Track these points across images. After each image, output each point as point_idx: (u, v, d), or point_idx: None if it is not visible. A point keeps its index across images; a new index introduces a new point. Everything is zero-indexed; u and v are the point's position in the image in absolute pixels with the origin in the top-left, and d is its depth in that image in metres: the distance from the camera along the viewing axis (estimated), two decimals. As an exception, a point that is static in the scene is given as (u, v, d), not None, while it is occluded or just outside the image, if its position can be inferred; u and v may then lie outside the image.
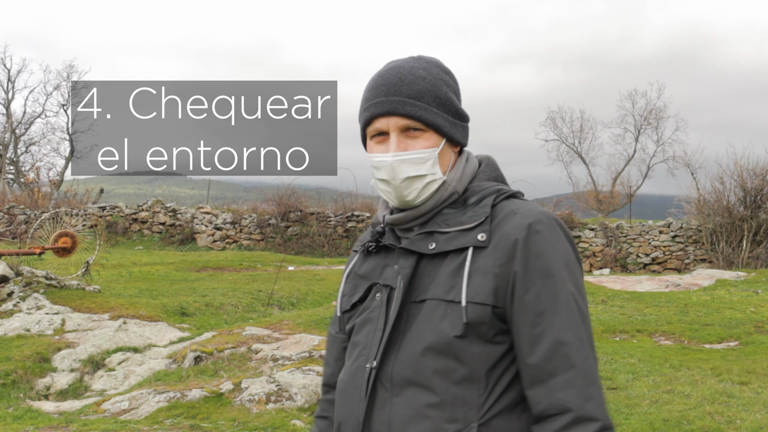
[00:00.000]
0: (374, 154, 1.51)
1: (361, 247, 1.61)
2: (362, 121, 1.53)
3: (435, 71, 1.51)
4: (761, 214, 17.57)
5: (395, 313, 1.44)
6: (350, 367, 1.51)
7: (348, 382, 1.50)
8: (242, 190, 74.69)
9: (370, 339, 1.48)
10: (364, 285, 1.55)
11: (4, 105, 32.79)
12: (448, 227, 1.46)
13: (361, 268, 1.59)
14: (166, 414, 5.61)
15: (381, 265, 1.54)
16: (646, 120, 35.59)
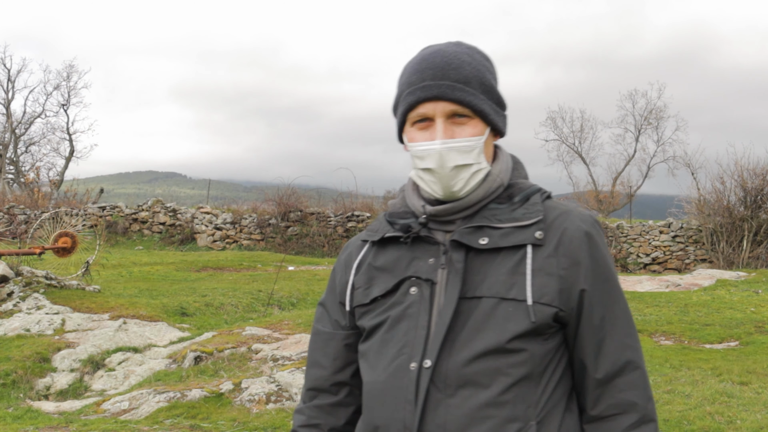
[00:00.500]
0: (418, 143, 1.43)
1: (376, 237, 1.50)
2: (404, 105, 1.44)
3: (478, 57, 1.46)
4: (761, 214, 17.57)
5: (451, 310, 1.36)
6: (387, 366, 1.40)
7: (387, 383, 1.39)
8: (242, 190, 74.77)
9: (410, 337, 1.38)
10: (387, 278, 1.45)
11: (4, 105, 32.82)
12: (500, 222, 1.41)
13: (376, 259, 1.48)
14: (166, 414, 5.61)
15: (408, 257, 1.44)
16: (647, 120, 35.63)
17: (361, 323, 1.48)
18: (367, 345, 1.47)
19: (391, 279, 1.44)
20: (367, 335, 1.47)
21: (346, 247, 1.60)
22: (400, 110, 1.45)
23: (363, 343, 1.49)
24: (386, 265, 1.46)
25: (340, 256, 1.59)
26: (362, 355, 1.49)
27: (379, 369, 1.42)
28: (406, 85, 1.44)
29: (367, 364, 1.46)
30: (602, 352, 1.40)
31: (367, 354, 1.46)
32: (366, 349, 1.47)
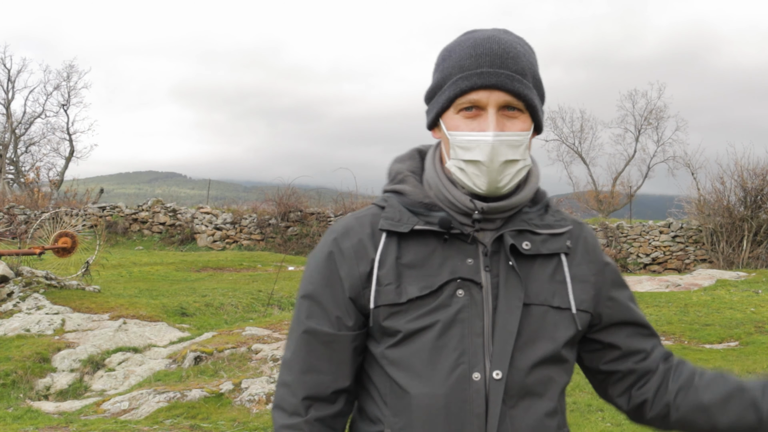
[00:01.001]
0: (465, 133, 1.32)
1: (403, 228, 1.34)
2: (455, 90, 1.33)
3: (528, 48, 1.38)
4: (761, 214, 17.58)
5: (517, 317, 1.31)
6: (447, 377, 1.29)
7: (451, 396, 1.28)
8: (242, 190, 74.78)
9: (467, 344, 1.29)
10: (422, 277, 1.32)
11: (4, 105, 32.82)
12: (537, 228, 1.37)
13: (403, 254, 1.33)
14: (166, 414, 5.61)
15: (441, 255, 1.33)
16: (647, 120, 35.61)
17: (391, 325, 1.31)
18: (407, 351, 1.31)
19: (431, 278, 1.32)
20: (402, 339, 1.31)
21: (344, 232, 1.37)
22: (448, 94, 1.34)
23: (396, 348, 1.32)
24: (416, 262, 1.33)
25: (341, 243, 1.36)
26: (396, 363, 1.32)
27: (437, 380, 1.29)
28: (457, 69, 1.33)
29: (411, 374, 1.30)
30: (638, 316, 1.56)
31: (409, 362, 1.31)
32: (405, 356, 1.31)
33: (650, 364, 1.49)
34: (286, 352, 1.41)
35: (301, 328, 1.37)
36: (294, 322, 1.40)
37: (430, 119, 1.40)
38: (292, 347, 1.39)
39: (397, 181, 1.42)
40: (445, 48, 1.39)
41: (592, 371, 1.51)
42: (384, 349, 1.33)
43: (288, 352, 1.40)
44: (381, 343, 1.34)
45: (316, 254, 1.40)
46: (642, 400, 1.47)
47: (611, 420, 5.52)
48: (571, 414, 5.67)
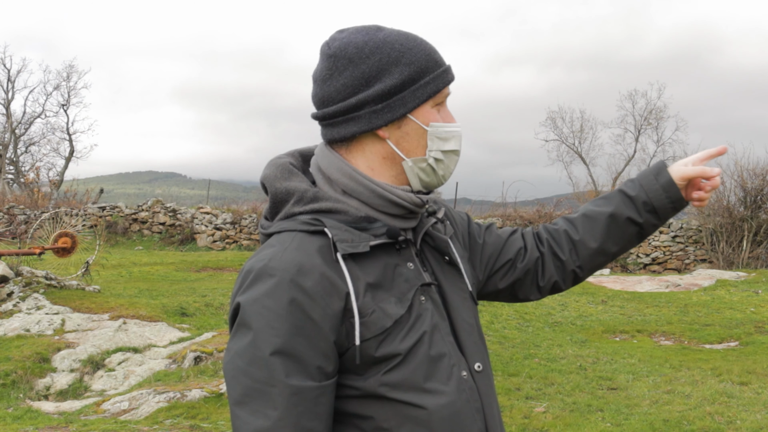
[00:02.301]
0: (447, 124, 1.34)
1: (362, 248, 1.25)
2: (440, 84, 1.33)
3: None
4: (761, 215, 17.58)
5: (471, 309, 1.38)
6: (448, 383, 1.27)
7: (459, 401, 1.27)
8: (242, 190, 74.74)
9: (447, 347, 1.29)
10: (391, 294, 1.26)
11: (4, 105, 32.81)
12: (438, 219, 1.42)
13: (368, 274, 1.25)
14: (166, 414, 5.61)
15: (391, 264, 1.29)
16: (647, 120, 35.62)
17: (387, 351, 1.23)
18: (407, 370, 1.24)
19: (399, 292, 1.27)
20: (400, 362, 1.24)
21: (299, 271, 1.20)
22: (433, 88, 1.31)
23: (395, 371, 1.24)
24: (379, 280, 1.26)
25: (302, 283, 1.19)
26: (400, 385, 1.24)
27: (444, 388, 1.26)
28: (433, 63, 1.32)
29: (420, 391, 1.24)
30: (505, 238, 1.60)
31: (413, 380, 1.24)
32: (408, 376, 1.24)
33: (532, 252, 1.59)
34: (259, 419, 1.16)
35: (286, 391, 1.17)
36: (266, 386, 1.17)
37: (396, 115, 1.30)
38: (276, 414, 1.16)
39: (310, 200, 1.29)
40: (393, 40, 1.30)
41: (500, 292, 1.59)
42: (380, 377, 1.24)
43: (265, 420, 1.16)
44: (370, 373, 1.24)
45: (264, 302, 1.18)
46: (553, 282, 1.59)
47: (611, 420, 5.52)
48: (571, 414, 5.67)
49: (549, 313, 10.44)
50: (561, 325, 9.75)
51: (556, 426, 5.35)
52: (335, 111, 1.30)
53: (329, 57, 1.30)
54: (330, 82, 1.30)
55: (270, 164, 1.36)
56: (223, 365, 1.23)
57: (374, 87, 1.29)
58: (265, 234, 1.32)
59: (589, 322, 9.94)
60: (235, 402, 1.19)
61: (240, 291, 1.23)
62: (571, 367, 7.20)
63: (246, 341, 1.18)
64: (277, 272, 1.20)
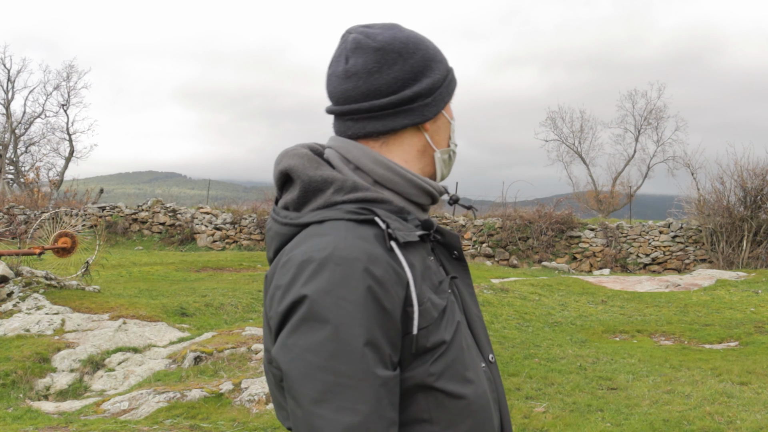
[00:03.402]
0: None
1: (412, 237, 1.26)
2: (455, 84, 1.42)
3: None
4: (761, 214, 17.58)
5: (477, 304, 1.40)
6: (478, 373, 1.28)
7: (487, 393, 1.29)
8: (242, 190, 74.69)
9: (469, 338, 1.32)
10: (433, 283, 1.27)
11: (4, 105, 32.80)
12: None
13: (415, 266, 1.25)
14: (165, 414, 5.61)
15: (425, 255, 1.30)
16: (646, 120, 35.63)
17: (436, 339, 1.23)
18: (450, 358, 1.24)
19: (436, 282, 1.28)
20: (445, 351, 1.24)
21: (370, 258, 1.18)
22: (455, 84, 1.41)
23: (441, 359, 1.23)
24: (421, 269, 1.26)
25: (374, 272, 1.17)
26: (444, 374, 1.24)
27: (478, 378, 1.27)
28: (445, 64, 1.40)
29: (461, 379, 1.25)
30: None
31: (455, 368, 1.25)
32: (450, 364, 1.24)
33: None
34: (348, 415, 1.12)
35: (375, 383, 1.14)
36: (353, 380, 1.13)
37: (440, 108, 1.36)
38: (366, 408, 1.12)
39: (354, 189, 1.27)
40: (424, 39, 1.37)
41: None
42: (428, 367, 1.22)
43: (355, 415, 1.12)
44: (419, 363, 1.22)
45: (344, 293, 1.15)
46: None
47: (611, 420, 5.52)
48: (570, 414, 5.67)
49: (549, 313, 10.44)
50: (561, 325, 9.75)
51: (556, 426, 5.35)
52: (386, 104, 1.30)
53: (376, 50, 1.30)
54: (378, 75, 1.29)
55: (291, 154, 1.33)
56: (287, 363, 1.15)
57: (423, 81, 1.32)
58: (296, 224, 1.27)
59: (589, 322, 9.94)
60: (312, 401, 1.12)
61: (302, 282, 1.16)
62: (571, 367, 7.20)
63: (322, 335, 1.13)
64: (347, 261, 1.16)
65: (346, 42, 1.32)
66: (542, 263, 18.63)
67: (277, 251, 1.31)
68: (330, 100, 1.36)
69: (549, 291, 12.06)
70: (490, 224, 19.90)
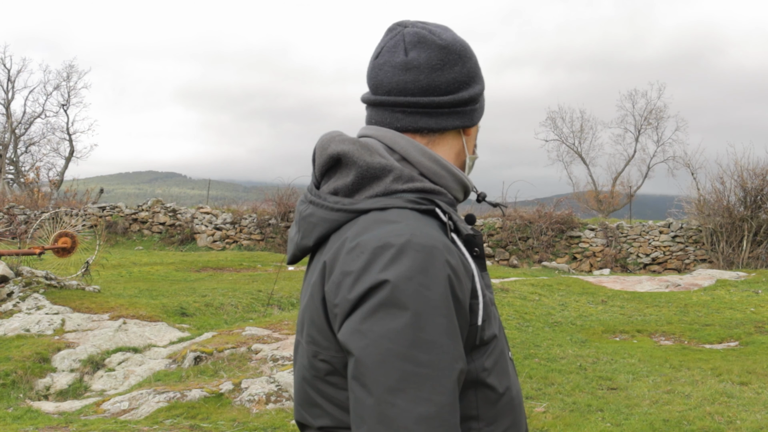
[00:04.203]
0: None
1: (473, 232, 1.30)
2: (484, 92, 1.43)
3: None
4: (761, 215, 17.57)
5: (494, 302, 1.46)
6: (515, 373, 1.34)
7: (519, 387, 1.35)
8: (242, 190, 74.72)
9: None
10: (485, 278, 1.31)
11: (4, 105, 32.81)
12: None
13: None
14: (166, 414, 5.61)
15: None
16: (646, 120, 35.63)
17: (490, 333, 1.23)
18: (496, 353, 1.25)
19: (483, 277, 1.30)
20: (495, 345, 1.26)
21: (445, 248, 1.16)
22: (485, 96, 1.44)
23: (491, 353, 1.24)
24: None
25: (451, 262, 1.16)
26: (492, 368, 1.24)
27: (514, 374, 1.32)
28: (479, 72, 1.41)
29: (505, 374, 1.27)
30: None
31: (499, 363, 1.26)
32: (496, 359, 1.25)
33: None
34: (423, 406, 1.08)
35: (454, 375, 1.11)
36: (433, 370, 1.09)
37: (482, 114, 1.42)
38: (442, 399, 1.09)
39: (414, 179, 1.27)
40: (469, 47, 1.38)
41: None
42: (483, 361, 1.22)
43: (430, 407, 1.08)
44: (476, 357, 1.21)
45: (425, 281, 1.11)
46: None
47: (611, 420, 5.52)
48: (571, 414, 5.67)
49: (549, 313, 10.44)
50: (561, 325, 9.75)
51: (556, 426, 5.35)
52: (444, 102, 1.30)
53: (441, 48, 1.30)
54: (441, 72, 1.30)
55: (340, 140, 1.28)
56: (361, 349, 1.10)
57: (475, 86, 1.35)
58: (351, 210, 1.23)
59: (589, 322, 9.94)
60: (388, 389, 1.08)
61: (380, 267, 1.12)
62: (571, 367, 7.20)
63: (401, 322, 1.09)
64: (427, 249, 1.13)
65: (404, 35, 1.31)
66: (542, 263, 18.64)
67: (321, 238, 1.26)
68: (375, 89, 1.33)
69: (549, 291, 12.06)
70: (490, 224, 19.90)
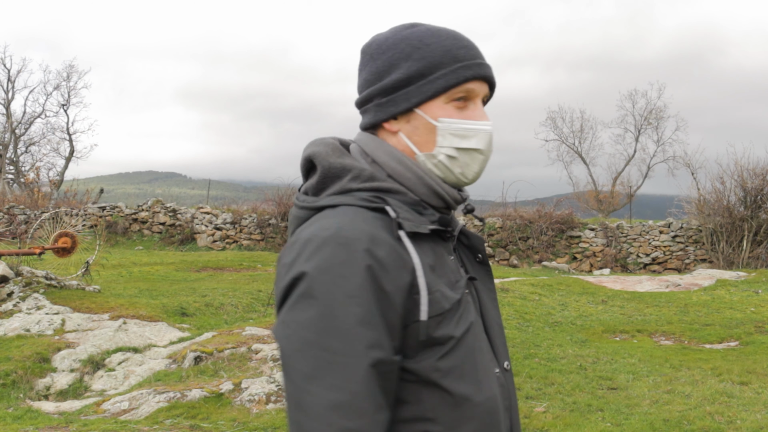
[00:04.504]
0: (465, 121, 1.32)
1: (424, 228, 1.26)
2: (455, 79, 1.31)
3: None
4: (761, 214, 17.57)
5: (498, 310, 1.38)
6: (489, 377, 1.27)
7: (496, 399, 1.27)
8: (242, 190, 74.72)
9: (484, 342, 1.30)
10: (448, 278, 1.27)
11: (4, 105, 32.80)
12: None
13: (426, 256, 1.25)
14: (166, 414, 5.61)
15: (442, 254, 1.30)
16: (647, 120, 35.63)
17: (444, 333, 1.22)
18: (459, 357, 1.23)
19: (453, 279, 1.28)
20: (454, 346, 1.23)
21: (372, 240, 1.18)
22: (443, 83, 1.31)
23: (449, 356, 1.22)
24: (435, 264, 1.26)
25: (376, 253, 1.17)
26: (451, 372, 1.22)
27: (487, 382, 1.26)
28: (450, 58, 1.32)
29: (468, 380, 1.23)
30: None
31: (463, 368, 1.23)
32: (459, 363, 1.23)
33: None
34: (336, 393, 1.11)
35: (365, 362, 1.13)
36: (346, 357, 1.12)
37: (401, 109, 1.32)
38: (355, 387, 1.11)
39: (369, 178, 1.30)
40: (413, 37, 1.34)
41: None
42: (435, 361, 1.21)
43: (343, 394, 1.11)
44: (427, 356, 1.21)
45: (343, 271, 1.15)
46: None
47: (611, 420, 5.52)
48: (571, 414, 5.67)
49: (549, 313, 10.44)
50: (561, 325, 9.75)
51: (556, 426, 5.35)
52: (357, 102, 1.40)
53: (360, 53, 1.40)
54: (359, 76, 1.39)
55: (317, 143, 1.35)
56: (283, 338, 1.15)
57: (382, 81, 1.34)
58: (312, 207, 1.28)
59: (589, 322, 9.93)
60: (304, 376, 1.11)
61: (302, 259, 1.16)
62: (571, 367, 7.20)
63: (316, 311, 1.12)
64: (349, 240, 1.16)
65: None
66: (542, 263, 18.63)
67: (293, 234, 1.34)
68: None
69: (549, 291, 12.06)
70: (490, 224, 19.90)
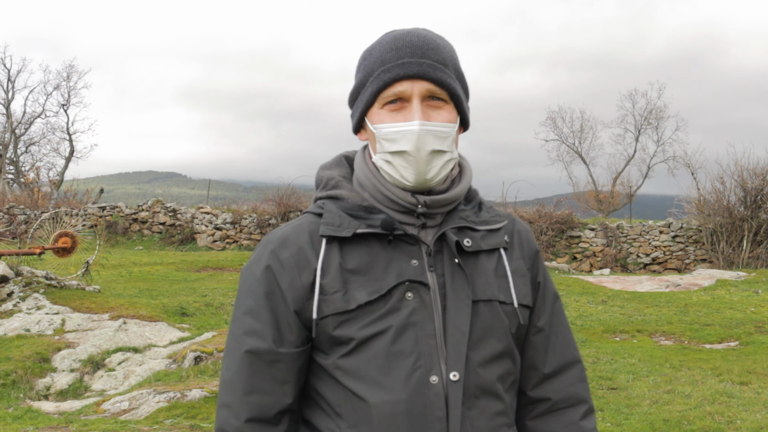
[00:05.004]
0: (390, 125, 1.30)
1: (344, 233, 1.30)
2: (378, 84, 1.31)
3: (448, 43, 1.39)
4: (761, 214, 17.57)
5: (467, 316, 1.29)
6: (406, 382, 1.25)
7: (411, 401, 1.24)
8: (242, 190, 74.82)
9: (422, 347, 1.26)
10: (369, 282, 1.28)
11: (4, 105, 32.81)
12: (474, 224, 1.37)
13: (347, 260, 1.29)
14: (166, 414, 5.61)
15: (385, 258, 1.30)
16: (647, 120, 35.63)
17: (343, 333, 1.26)
18: (362, 359, 1.26)
19: (378, 283, 1.28)
20: (355, 347, 1.26)
21: (282, 243, 1.32)
22: (371, 90, 1.32)
23: (350, 357, 1.27)
24: (361, 267, 1.29)
25: (279, 254, 1.31)
26: (351, 372, 1.27)
27: (396, 386, 1.25)
28: (378, 63, 1.32)
29: (369, 383, 1.26)
30: (550, 348, 1.43)
31: (365, 370, 1.26)
32: (361, 365, 1.26)
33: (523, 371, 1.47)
34: (225, 371, 1.32)
35: (242, 348, 1.29)
36: (232, 340, 1.32)
37: (355, 121, 1.39)
38: (234, 367, 1.30)
39: (330, 186, 1.38)
40: (366, 49, 1.39)
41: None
42: (336, 359, 1.28)
43: (228, 372, 1.31)
44: (331, 353, 1.28)
45: (251, 268, 1.34)
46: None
47: (611, 420, 5.52)
48: (571, 414, 5.66)
49: (549, 313, 10.43)
50: (561, 325, 9.75)
51: (556, 426, 5.35)
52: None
53: None
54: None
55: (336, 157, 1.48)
56: None
57: (349, 96, 1.41)
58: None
59: (589, 322, 9.94)
60: (224, 354, 1.36)
61: None
62: (571, 367, 7.20)
63: (235, 301, 1.37)
64: (265, 243, 1.36)
65: None
66: (542, 263, 18.62)
67: None
68: None
69: (549, 291, 12.05)
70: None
